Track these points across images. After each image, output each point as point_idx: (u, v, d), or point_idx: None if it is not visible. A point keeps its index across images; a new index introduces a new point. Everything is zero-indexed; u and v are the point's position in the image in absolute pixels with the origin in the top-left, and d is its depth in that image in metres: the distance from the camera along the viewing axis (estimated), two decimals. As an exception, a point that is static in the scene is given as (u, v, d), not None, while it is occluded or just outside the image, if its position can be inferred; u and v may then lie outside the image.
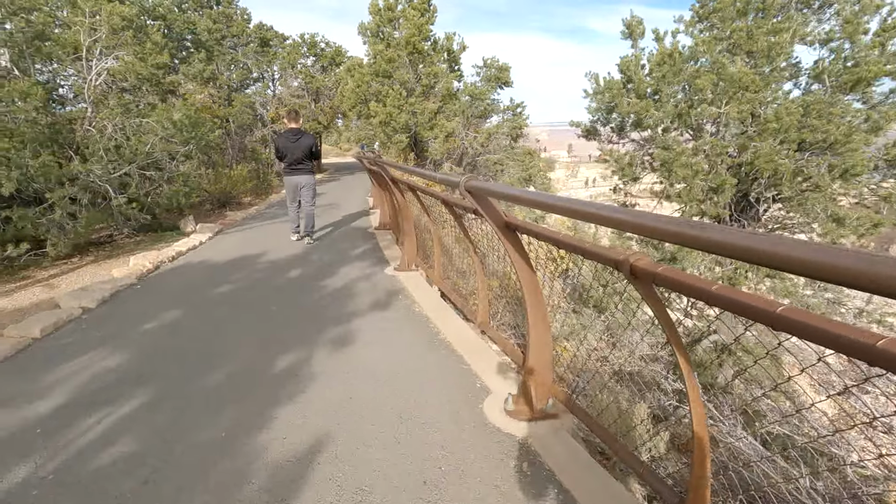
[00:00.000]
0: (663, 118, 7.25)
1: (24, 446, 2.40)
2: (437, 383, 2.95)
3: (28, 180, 6.01)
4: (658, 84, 7.40)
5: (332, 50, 20.47)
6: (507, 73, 15.47)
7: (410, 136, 15.13)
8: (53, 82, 8.49)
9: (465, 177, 2.20)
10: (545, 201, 1.78)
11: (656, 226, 1.19)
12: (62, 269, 6.22)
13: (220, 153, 14.26)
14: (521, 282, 2.43)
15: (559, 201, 1.70)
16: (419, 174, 3.59)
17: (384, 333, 3.76)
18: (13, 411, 2.74)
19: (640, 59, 8.17)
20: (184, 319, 4.17)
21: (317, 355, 3.37)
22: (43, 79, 8.19)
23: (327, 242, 7.21)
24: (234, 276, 5.55)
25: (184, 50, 14.20)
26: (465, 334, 3.71)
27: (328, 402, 2.75)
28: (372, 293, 4.75)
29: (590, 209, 1.55)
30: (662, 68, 7.37)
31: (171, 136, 7.58)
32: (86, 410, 2.72)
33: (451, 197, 3.40)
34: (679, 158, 6.55)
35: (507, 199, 2.07)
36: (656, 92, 7.66)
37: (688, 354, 1.52)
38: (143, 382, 3.03)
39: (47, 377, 3.15)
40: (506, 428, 2.49)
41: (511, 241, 2.33)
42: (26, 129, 6.15)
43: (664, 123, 7.33)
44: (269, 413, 2.64)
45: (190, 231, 8.24)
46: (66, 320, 4.15)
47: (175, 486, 2.08)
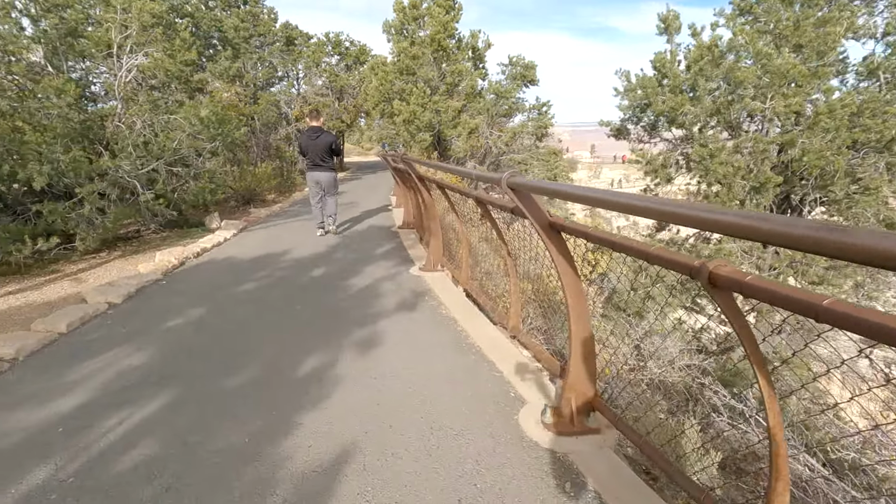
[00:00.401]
0: (700, 114, 6.93)
1: (45, 446, 2.33)
2: (468, 391, 2.79)
3: (59, 175, 6.07)
4: (695, 79, 7.08)
5: (357, 49, 20.51)
6: (533, 71, 15.22)
7: (434, 135, 15.02)
8: (86, 79, 8.62)
9: (508, 172, 2.04)
10: (598, 197, 1.61)
11: (749, 223, 1.01)
12: (90, 263, 6.27)
13: (246, 151, 14.37)
14: (563, 286, 2.26)
15: (614, 197, 1.53)
16: (453, 171, 3.44)
17: (411, 336, 3.62)
18: (36, 409, 2.69)
19: (677, 54, 7.86)
20: (207, 317, 4.11)
21: (342, 357, 3.25)
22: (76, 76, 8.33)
23: (351, 241, 7.13)
24: (257, 273, 5.49)
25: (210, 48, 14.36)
26: (496, 339, 3.54)
27: (354, 408, 2.62)
28: (397, 293, 4.63)
29: (649, 205, 1.39)
30: (700, 63, 7.05)
31: (198, 133, 7.61)
32: (108, 410, 2.65)
33: (485, 195, 3.24)
34: (718, 156, 6.23)
35: (554, 195, 1.91)
36: (693, 87, 7.35)
37: (770, 376, 1.33)
38: (165, 382, 2.96)
39: (71, 374, 3.10)
40: (544, 442, 2.32)
41: (555, 242, 2.16)
42: (58, 125, 6.22)
43: (700, 121, 7.01)
44: (293, 419, 2.52)
45: (215, 227, 8.27)
46: (91, 315, 4.13)
47: (196, 495, 1.98)
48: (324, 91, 19.61)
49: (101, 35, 7.41)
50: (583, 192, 1.73)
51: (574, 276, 2.26)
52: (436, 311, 4.18)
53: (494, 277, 4.57)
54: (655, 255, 1.48)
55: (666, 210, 1.30)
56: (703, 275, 1.27)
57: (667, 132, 8.73)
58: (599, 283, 4.77)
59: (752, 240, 1.01)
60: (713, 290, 1.28)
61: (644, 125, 9.21)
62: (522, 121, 15.93)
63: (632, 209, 1.47)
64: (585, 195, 1.70)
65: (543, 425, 2.42)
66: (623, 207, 1.50)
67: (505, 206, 2.78)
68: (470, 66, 15.25)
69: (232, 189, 11.17)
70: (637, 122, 9.47)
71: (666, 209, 1.31)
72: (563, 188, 1.86)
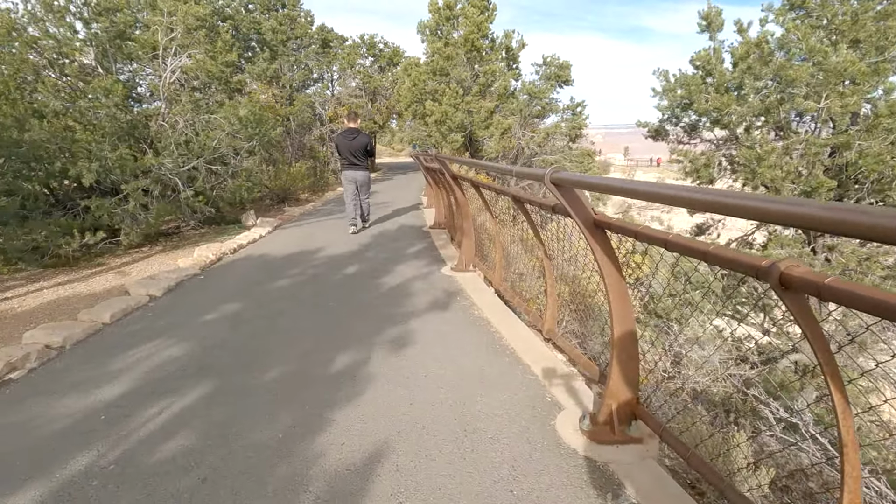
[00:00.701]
0: (747, 114, 6.62)
1: (88, 433, 2.39)
2: (502, 394, 2.72)
3: (106, 172, 6.31)
4: (742, 77, 6.77)
5: (391, 50, 20.69)
6: (568, 71, 14.99)
7: (465, 136, 14.97)
8: (133, 81, 8.97)
9: (551, 168, 1.97)
10: (647, 190, 1.52)
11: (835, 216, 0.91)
12: (133, 257, 6.49)
13: (281, 151, 14.67)
14: (606, 287, 2.16)
15: (664, 189, 1.43)
16: (491, 168, 3.37)
17: (443, 336, 3.57)
18: (82, 396, 2.77)
19: (720, 52, 7.56)
20: (242, 312, 4.17)
21: (375, 356, 3.23)
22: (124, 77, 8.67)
23: (383, 240, 7.15)
24: (291, 270, 5.56)
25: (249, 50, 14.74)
26: (530, 341, 3.45)
27: (387, 407, 2.59)
28: (429, 293, 4.59)
29: (709, 196, 1.28)
30: (747, 60, 6.75)
31: (237, 132, 7.79)
32: (148, 399, 2.71)
33: (523, 193, 3.16)
34: (767, 158, 5.94)
35: (599, 189, 1.82)
36: (739, 86, 7.03)
37: (845, 389, 1.21)
38: (202, 374, 3.00)
39: (114, 363, 3.19)
40: (583, 450, 2.22)
41: (599, 241, 2.07)
42: (106, 124, 6.47)
43: (746, 121, 6.70)
44: (326, 415, 2.51)
45: (251, 225, 8.45)
46: (133, 307, 4.25)
47: (231, 489, 1.98)
48: (357, 92, 19.85)
49: (148, 38, 7.69)
50: (631, 185, 1.64)
51: (618, 277, 2.16)
52: (468, 311, 4.12)
53: (527, 278, 4.48)
54: (715, 254, 1.38)
55: (728, 202, 1.19)
56: (773, 275, 1.17)
57: (709, 132, 8.41)
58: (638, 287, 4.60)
59: (838, 234, 0.91)
60: (784, 293, 1.18)
61: (684, 125, 8.90)
62: (556, 121, 15.71)
63: (685, 201, 1.38)
64: (634, 188, 1.61)
65: (582, 432, 2.32)
66: (674, 200, 1.41)
67: (544, 204, 2.70)
68: (503, 67, 15.14)
69: (267, 188, 11.42)
70: (676, 122, 9.17)
71: (728, 201, 1.19)
72: (609, 182, 1.77)
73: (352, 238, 7.18)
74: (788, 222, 0.99)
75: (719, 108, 6.80)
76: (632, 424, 2.29)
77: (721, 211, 1.19)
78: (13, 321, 4.20)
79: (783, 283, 1.15)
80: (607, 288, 2.18)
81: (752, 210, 1.08)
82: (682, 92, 7.87)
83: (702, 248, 1.44)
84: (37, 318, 4.26)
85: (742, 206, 1.10)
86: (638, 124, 9.54)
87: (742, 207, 1.10)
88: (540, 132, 15.17)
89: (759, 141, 6.23)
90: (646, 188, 1.47)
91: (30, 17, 6.43)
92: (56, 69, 6.60)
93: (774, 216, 1.01)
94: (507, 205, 4.82)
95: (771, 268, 1.17)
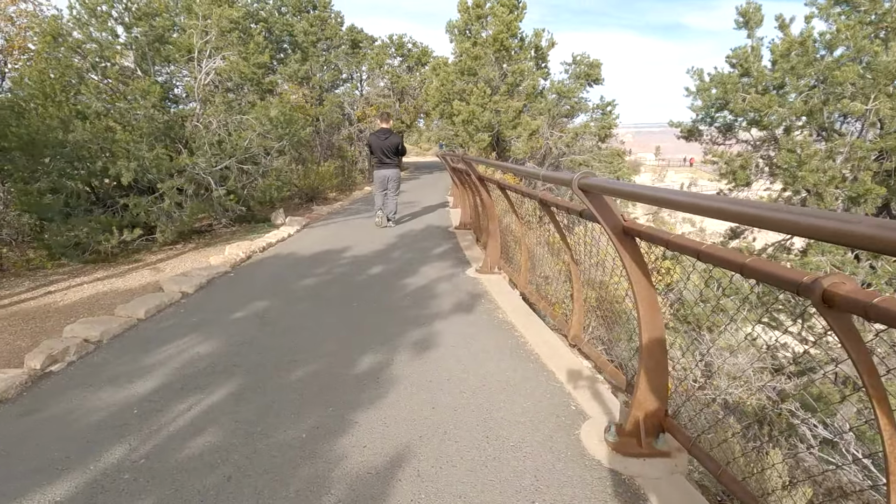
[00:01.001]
0: (788, 115, 6.34)
1: (122, 427, 2.47)
2: (526, 400, 2.68)
3: (143, 171, 6.53)
4: (784, 77, 6.48)
5: (419, 50, 20.75)
6: (598, 69, 14.72)
7: (493, 135, 14.89)
8: (170, 83, 9.26)
9: (579, 173, 1.92)
10: (683, 201, 1.46)
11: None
12: (168, 254, 6.70)
13: (310, 150, 14.91)
14: (635, 295, 2.10)
15: (712, 202, 1.37)
16: (516, 171, 3.33)
17: (467, 339, 3.55)
18: (117, 390, 2.87)
19: (759, 49, 7.27)
20: (270, 310, 4.24)
21: (398, 358, 3.24)
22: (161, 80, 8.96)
23: (408, 240, 7.18)
24: (317, 269, 5.64)
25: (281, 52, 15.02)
26: (555, 346, 3.40)
27: (410, 410, 2.59)
28: (453, 295, 4.57)
29: (756, 211, 1.21)
30: (790, 59, 6.46)
31: (268, 132, 7.94)
32: (179, 395, 2.78)
33: (550, 196, 3.11)
34: (808, 162, 5.67)
35: (630, 197, 1.76)
36: (781, 86, 6.75)
37: (893, 414, 1.14)
38: (231, 371, 3.07)
39: (147, 358, 3.29)
40: (609, 462, 2.17)
41: (629, 249, 2.01)
42: (144, 125, 6.70)
43: (787, 122, 6.41)
44: (349, 417, 2.53)
45: (280, 223, 8.61)
46: (167, 304, 4.38)
47: (255, 488, 2.01)
48: (385, 92, 20.01)
49: (184, 41, 7.93)
50: (664, 194, 1.58)
51: (647, 285, 2.09)
52: (492, 314, 4.09)
53: (553, 282, 4.41)
54: (752, 267, 1.32)
55: (776, 217, 1.11)
56: (815, 293, 1.10)
57: (745, 133, 8.11)
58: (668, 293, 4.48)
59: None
60: (827, 311, 1.11)
61: (719, 126, 8.61)
62: (585, 121, 15.45)
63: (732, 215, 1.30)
64: (667, 198, 1.55)
65: (607, 444, 2.26)
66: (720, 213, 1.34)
67: (572, 208, 2.64)
68: (532, 66, 14.99)
69: (297, 187, 11.62)
70: (710, 123, 8.88)
71: (776, 216, 1.11)
72: (641, 190, 1.71)
73: (377, 238, 7.23)
74: (842, 242, 0.92)
75: (759, 108, 6.52)
76: (660, 437, 2.23)
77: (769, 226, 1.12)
78: (56, 315, 4.39)
79: (826, 301, 1.09)
80: (636, 296, 2.11)
81: (805, 228, 1.02)
82: (718, 91, 7.59)
83: (738, 261, 1.38)
84: (77, 312, 4.45)
85: (792, 223, 1.03)
86: (670, 124, 9.28)
87: (792, 224, 1.03)
88: (568, 132, 14.96)
89: (800, 143, 5.94)
90: (684, 199, 1.41)
91: (75, 23, 6.71)
92: (98, 72, 6.88)
93: (827, 234, 0.94)
94: (533, 207, 4.76)
95: (813, 284, 1.11)
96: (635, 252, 2.03)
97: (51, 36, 6.36)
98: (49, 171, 6.20)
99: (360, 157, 19.40)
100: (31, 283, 5.47)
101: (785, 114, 6.30)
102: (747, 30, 7.54)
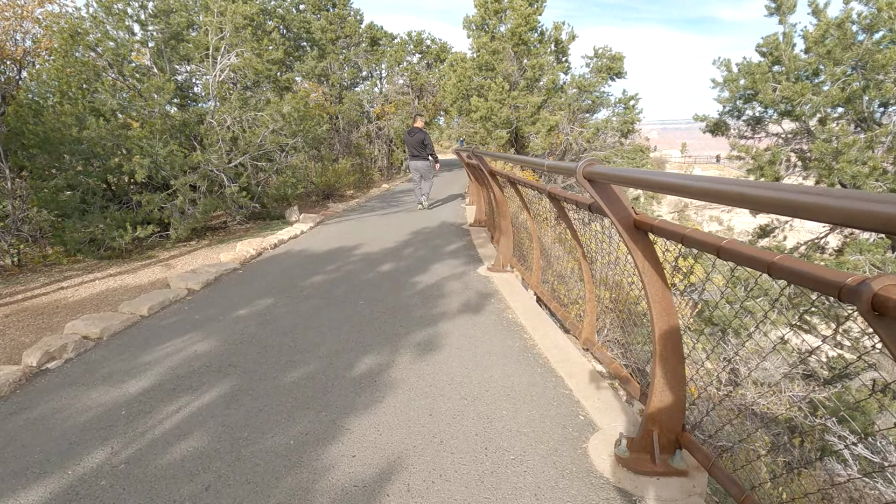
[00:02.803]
0: (823, 104, 5.93)
1: (108, 429, 2.38)
2: (531, 409, 2.49)
3: (157, 168, 6.54)
4: (819, 63, 6.06)
5: (438, 46, 20.58)
6: (621, 62, 14.29)
7: (511, 132, 14.62)
8: (190, 81, 9.32)
9: (584, 161, 1.73)
10: (698, 186, 1.26)
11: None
12: (181, 251, 6.71)
13: (329, 147, 14.91)
14: (648, 297, 1.90)
15: (723, 185, 1.17)
16: (522, 161, 3.13)
17: (473, 341, 3.38)
18: (109, 389, 2.79)
19: (792, 36, 6.84)
20: (274, 308, 4.15)
21: (399, 360, 3.09)
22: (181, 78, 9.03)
23: (421, 237, 7.03)
24: (327, 267, 5.54)
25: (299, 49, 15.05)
26: (566, 350, 3.19)
27: (406, 417, 2.43)
28: (463, 294, 4.40)
29: (782, 194, 0.98)
30: (826, 44, 6.04)
31: (281, 129, 7.90)
32: (170, 396, 2.69)
33: (560, 190, 2.91)
34: (846, 152, 5.28)
35: (637, 185, 1.56)
36: (815, 73, 6.32)
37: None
38: (226, 372, 2.96)
39: (144, 356, 3.22)
40: (618, 480, 1.97)
41: (641, 245, 1.81)
42: (158, 121, 6.71)
43: (821, 111, 6.00)
44: (341, 423, 2.38)
45: (293, 220, 8.57)
46: (172, 300, 4.33)
47: (233, 498, 1.88)
48: (404, 90, 19.90)
49: (201, 38, 7.95)
50: (676, 180, 1.38)
51: (662, 285, 1.89)
52: (502, 314, 3.90)
53: (568, 281, 4.20)
54: (782, 266, 1.11)
55: (805, 201, 0.91)
56: (863, 297, 0.89)
57: (775, 126, 7.68)
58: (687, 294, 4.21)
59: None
60: (877, 320, 0.90)
61: (747, 119, 8.19)
62: (606, 116, 15.04)
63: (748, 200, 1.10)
64: (685, 185, 1.34)
65: (617, 459, 2.06)
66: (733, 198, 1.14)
67: (582, 202, 2.44)
68: (552, 60, 14.65)
69: (313, 184, 11.60)
70: (738, 116, 8.46)
71: (805, 199, 0.91)
72: (649, 176, 1.50)
73: (391, 235, 7.11)
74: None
75: (790, 97, 6.12)
76: (676, 454, 2.02)
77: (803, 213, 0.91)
78: (64, 310, 4.39)
79: (876, 308, 0.88)
80: (649, 297, 1.91)
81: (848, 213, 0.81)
82: (746, 82, 7.19)
83: (765, 258, 1.17)
84: (85, 307, 4.44)
85: (839, 210, 0.82)
86: (695, 118, 8.89)
87: (839, 211, 0.82)
88: (589, 127, 14.58)
89: (837, 133, 5.53)
90: (701, 184, 1.21)
91: (91, 21, 6.76)
92: (115, 70, 6.92)
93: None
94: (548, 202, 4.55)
95: (860, 287, 0.90)
96: (647, 248, 1.83)
97: (68, 34, 6.42)
98: (65, 168, 6.27)
99: (380, 155, 19.37)
100: (46, 278, 5.52)
101: (820, 102, 5.89)
102: (778, 16, 7.11)
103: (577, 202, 2.48)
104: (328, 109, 15.71)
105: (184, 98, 8.96)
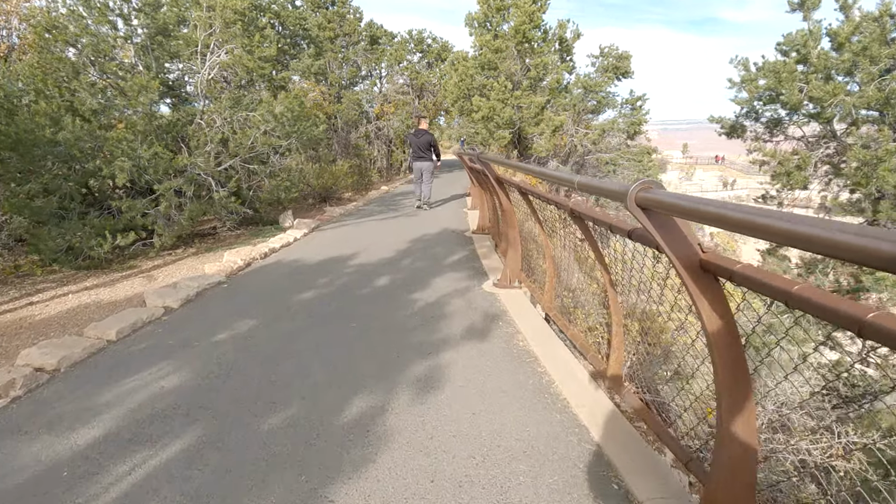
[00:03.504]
0: (860, 105, 5.50)
1: (42, 496, 1.96)
2: (553, 474, 2.08)
3: (140, 171, 6.12)
4: (855, 60, 5.62)
5: (439, 45, 20.15)
6: (627, 62, 13.86)
7: (514, 133, 14.19)
8: (181, 80, 8.88)
9: (638, 184, 1.31)
10: (850, 242, 0.84)
11: None
12: (165, 260, 6.29)
13: (328, 148, 14.47)
14: (714, 355, 1.48)
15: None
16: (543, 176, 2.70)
17: (480, 376, 2.96)
18: (54, 440, 2.38)
19: (819, 33, 6.41)
20: (258, 331, 3.73)
21: (395, 401, 2.67)
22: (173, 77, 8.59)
23: (421, 245, 6.61)
24: (319, 280, 5.12)
25: (295, 46, 14.61)
26: (587, 390, 2.78)
27: (402, 483, 2.01)
28: (467, 315, 3.98)
29: None
30: (862, 40, 5.60)
31: (273, 130, 7.47)
32: (123, 451, 2.27)
33: (584, 207, 2.49)
34: (888, 159, 4.85)
35: (726, 225, 1.12)
36: (849, 72, 5.89)
37: None
38: (193, 417, 2.55)
39: (103, 394, 2.80)
40: (670, 585, 1.55)
41: (706, 290, 1.39)
42: (141, 122, 6.29)
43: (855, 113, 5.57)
44: (323, 492, 1.97)
45: (287, 226, 8.15)
46: (145, 321, 3.91)
47: None
48: (405, 89, 19.46)
49: (191, 34, 7.51)
50: (786, 225, 0.95)
51: (731, 341, 1.47)
52: (511, 341, 3.48)
53: (585, 304, 3.77)
54: None
55: None
56: None
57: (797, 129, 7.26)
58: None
59: None
60: None
61: (766, 121, 7.77)
62: (612, 117, 14.61)
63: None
64: (792, 230, 0.93)
65: (667, 551, 1.65)
66: None
67: (616, 226, 2.02)
68: (556, 59, 14.22)
69: (309, 187, 11.16)
70: (756, 118, 8.04)
71: None
72: (739, 215, 1.07)
73: (389, 243, 6.69)
74: None
75: (821, 98, 5.68)
76: (741, 547, 1.60)
77: None
78: (27, 331, 3.98)
79: None
80: (714, 355, 1.49)
81: None
82: (768, 82, 6.77)
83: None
84: (52, 328, 4.02)
85: None
86: (710, 119, 8.46)
87: None
88: (595, 128, 14.15)
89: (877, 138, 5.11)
90: (842, 238, 0.79)
91: (70, 14, 6.34)
92: (97, 67, 6.50)
93: None
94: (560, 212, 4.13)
95: None
96: (716, 296, 1.41)
97: (44, 28, 6.00)
98: (40, 172, 5.84)
99: (379, 156, 18.91)
100: (17, 291, 5.10)
101: (855, 104, 5.45)
102: (802, 12, 6.69)
103: (610, 225, 2.06)
104: (326, 109, 15.27)
105: (175, 97, 8.53)
